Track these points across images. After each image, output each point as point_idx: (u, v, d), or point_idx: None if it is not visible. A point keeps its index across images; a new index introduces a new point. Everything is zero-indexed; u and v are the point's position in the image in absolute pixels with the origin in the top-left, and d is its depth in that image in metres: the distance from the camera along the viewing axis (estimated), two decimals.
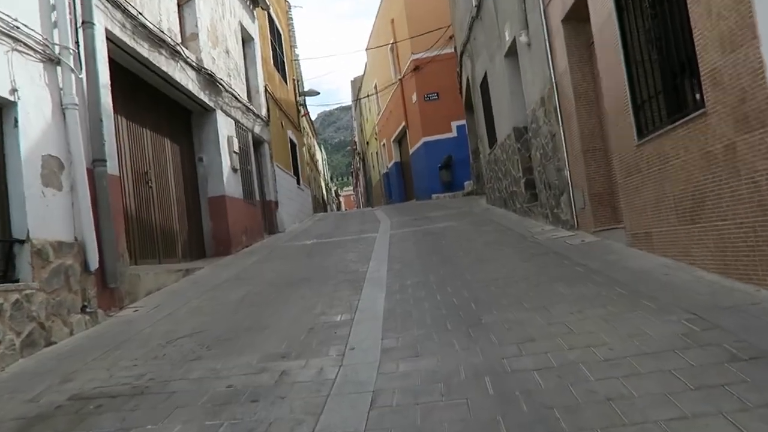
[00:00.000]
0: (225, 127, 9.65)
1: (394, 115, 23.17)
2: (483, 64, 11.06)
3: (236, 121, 10.34)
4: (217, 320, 4.67)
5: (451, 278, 5.14)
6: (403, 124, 21.53)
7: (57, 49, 5.08)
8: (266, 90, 12.83)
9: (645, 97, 4.67)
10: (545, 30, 6.97)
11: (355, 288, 5.31)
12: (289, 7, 20.37)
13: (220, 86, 9.48)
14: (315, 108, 61.35)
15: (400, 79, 21.04)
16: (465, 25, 12.33)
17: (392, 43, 21.05)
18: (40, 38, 4.87)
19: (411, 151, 21.32)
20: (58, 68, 5.09)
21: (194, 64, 8.46)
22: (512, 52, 8.80)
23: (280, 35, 16.47)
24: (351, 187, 71.31)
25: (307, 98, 30.59)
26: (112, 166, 5.65)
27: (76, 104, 5.11)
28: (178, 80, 7.87)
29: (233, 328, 4.30)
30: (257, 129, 11.75)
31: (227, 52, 10.28)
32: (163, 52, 7.42)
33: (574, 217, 6.84)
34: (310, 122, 34.40)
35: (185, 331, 4.36)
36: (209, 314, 4.96)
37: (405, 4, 19.42)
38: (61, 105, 5.04)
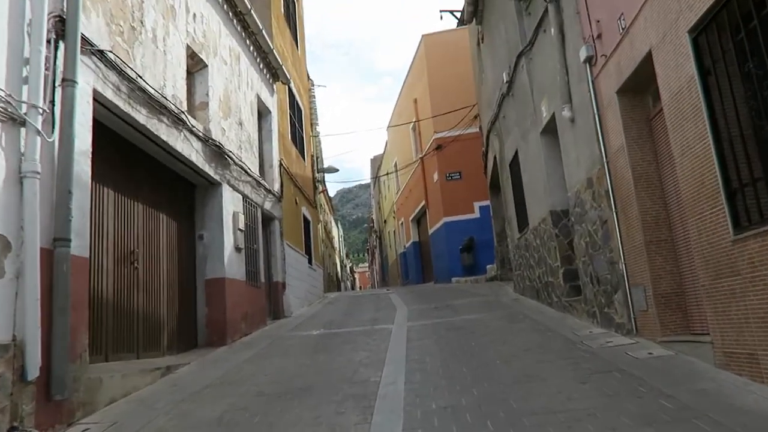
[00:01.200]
0: (231, 202, 8.80)
1: (413, 194, 22.45)
2: (514, 142, 10.25)
3: (244, 197, 9.52)
4: None
5: (491, 404, 3.97)
6: (423, 203, 20.74)
7: (23, 108, 4.28)
8: (281, 165, 12.13)
9: (746, 180, 3.65)
10: (594, 103, 6.11)
11: (364, 410, 4.16)
12: (312, 85, 20.21)
13: (229, 159, 8.73)
14: (334, 185, 61.52)
15: (422, 158, 20.45)
16: (493, 103, 11.66)
17: (415, 122, 20.65)
18: (2, 94, 4.07)
19: (431, 231, 20.39)
20: (22, 130, 4.27)
21: (201, 134, 7.73)
22: (550, 129, 7.96)
23: (301, 111, 16.05)
24: (366, 264, 70.22)
25: (325, 175, 30.28)
26: (79, 246, 4.71)
27: (38, 172, 4.23)
28: (180, 151, 7.09)
29: None
30: (268, 205, 10.92)
31: (240, 123, 9.62)
32: (165, 119, 6.68)
33: (632, 320, 5.67)
34: (328, 199, 33.94)
35: None
36: None
37: (429, 83, 19.13)
38: (19, 172, 4.17)
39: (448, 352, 6.08)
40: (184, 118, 7.15)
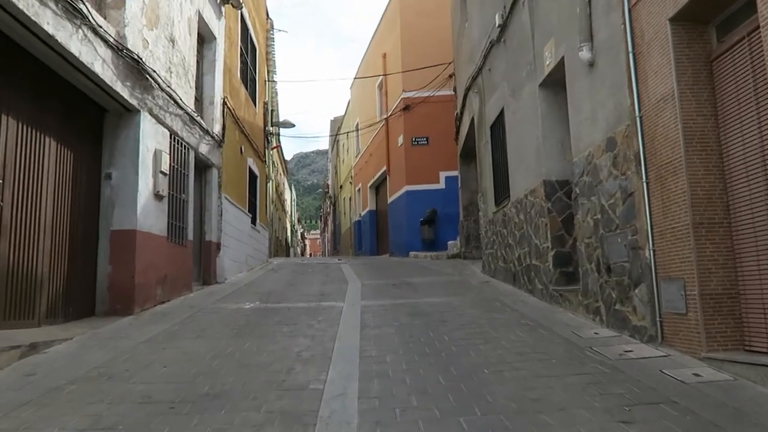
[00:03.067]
0: (153, 137, 7.02)
1: (374, 158, 20.85)
2: (499, 99, 8.78)
3: (173, 133, 7.73)
4: None
5: None
6: (384, 168, 19.18)
7: None
8: (225, 104, 10.30)
9: None
10: (629, 38, 4.66)
11: None
12: (272, 27, 18.14)
13: (152, 81, 6.91)
14: (290, 147, 59.15)
15: (387, 119, 18.80)
16: (477, 55, 10.13)
17: (382, 76, 18.90)
18: None
19: (390, 200, 18.90)
20: None
21: (111, 39, 5.89)
22: (553, 81, 6.52)
23: (255, 49, 14.10)
24: (319, 231, 68.48)
25: (281, 132, 28.24)
26: None
27: None
28: (77, 54, 5.28)
29: None
30: (204, 148, 9.13)
31: (172, 41, 7.76)
32: (51, 3, 4.84)
33: (658, 324, 4.35)
34: (282, 157, 31.94)
35: None
36: None
37: (401, 36, 17.39)
38: None
39: (416, 349, 4.63)
40: (84, 9, 5.31)
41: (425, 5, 17.12)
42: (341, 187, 31.47)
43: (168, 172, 7.47)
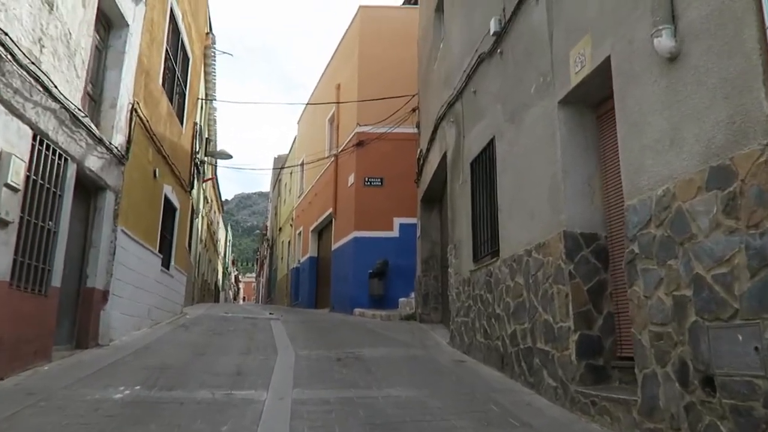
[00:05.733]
0: None
1: (320, 199, 18.68)
2: (488, 127, 6.92)
3: (38, 133, 5.38)
4: None
5: None
6: (331, 210, 17.02)
7: None
8: (135, 111, 7.97)
9: None
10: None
11: None
12: (213, 42, 16.01)
13: None
14: (232, 188, 56.31)
15: (336, 155, 16.77)
16: (456, 77, 8.34)
17: (335, 103, 16.97)
18: None
19: (335, 247, 16.67)
20: None
21: None
22: (584, 94, 4.72)
23: (188, 58, 11.89)
24: (254, 275, 64.88)
25: (218, 167, 25.77)
26: None
27: None
28: None
29: None
30: (93, 163, 6.75)
31: (50, 4, 5.49)
32: None
33: None
34: (218, 193, 29.31)
35: None
36: None
37: (359, 65, 15.63)
38: None
39: None
40: None
41: (387, 34, 15.54)
42: (280, 229, 28.98)
43: (20, 188, 5.07)
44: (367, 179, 15.04)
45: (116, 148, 7.33)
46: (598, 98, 4.84)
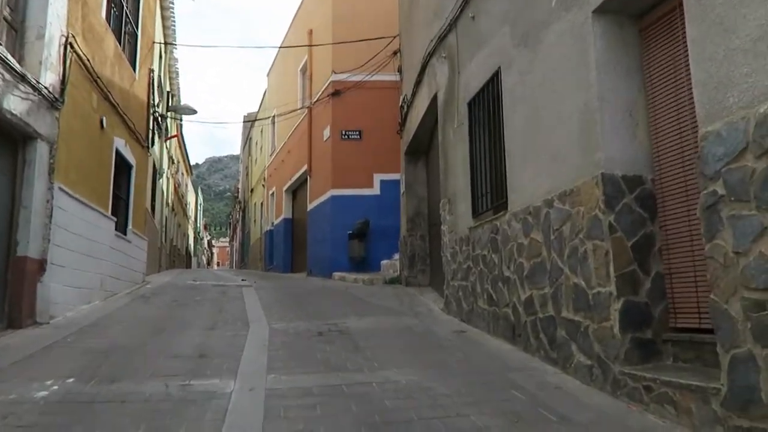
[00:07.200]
0: None
1: (293, 156, 17.46)
2: (491, 56, 5.86)
3: None
4: None
5: None
6: (305, 168, 15.85)
7: None
8: (69, 46, 6.68)
9: None
10: None
11: None
12: None
13: None
14: (203, 151, 54.21)
15: (310, 107, 15.51)
16: (447, 5, 7.21)
17: (308, 46, 15.60)
18: None
19: (310, 207, 15.59)
20: None
21: None
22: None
23: None
24: (227, 239, 63.44)
25: (183, 124, 24.20)
26: None
27: None
28: None
29: None
30: (15, 105, 5.52)
31: None
32: None
33: None
34: (184, 152, 27.77)
35: None
36: None
37: (333, 4, 14.23)
38: None
39: None
40: None
41: None
42: (252, 190, 27.68)
43: None
44: (344, 132, 13.87)
45: (46, 88, 6.07)
46: (643, 5, 3.83)
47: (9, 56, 5.29)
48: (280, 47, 19.19)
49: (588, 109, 4.03)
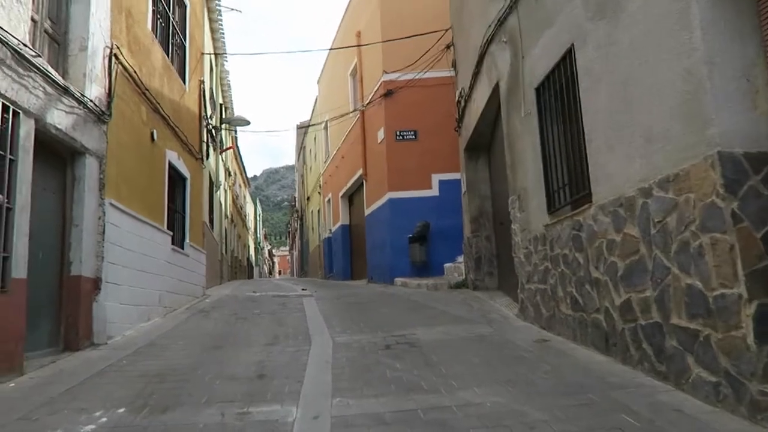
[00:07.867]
0: None
1: (347, 162, 17.15)
2: (560, 34, 5.23)
3: None
4: None
5: None
6: (360, 172, 15.49)
7: None
8: (114, 58, 6.51)
9: None
10: None
11: None
12: None
13: None
14: (260, 163, 55.25)
15: (362, 110, 15.14)
16: None
17: (356, 46, 15.23)
18: None
19: (368, 212, 15.20)
20: None
21: None
22: None
23: (184, 4, 10.34)
24: (287, 248, 64.34)
25: (238, 135, 24.43)
26: None
27: None
28: None
29: None
30: (60, 119, 5.34)
31: None
32: None
33: None
34: (240, 163, 28.07)
35: None
36: None
37: (381, 5, 13.82)
38: None
39: None
40: None
41: None
42: (308, 198, 27.65)
43: None
44: (398, 133, 13.41)
45: (91, 101, 5.89)
46: None
47: (50, 68, 5.09)
48: (330, 49, 18.94)
49: (693, 78, 3.37)
